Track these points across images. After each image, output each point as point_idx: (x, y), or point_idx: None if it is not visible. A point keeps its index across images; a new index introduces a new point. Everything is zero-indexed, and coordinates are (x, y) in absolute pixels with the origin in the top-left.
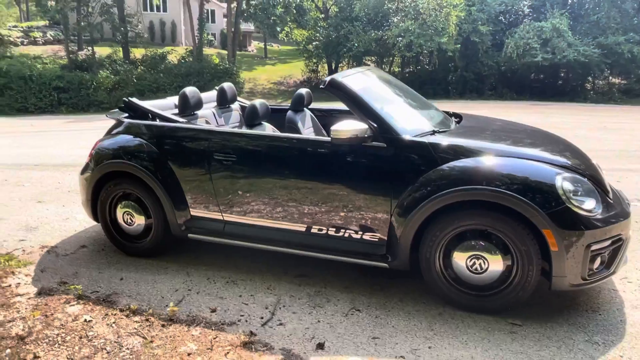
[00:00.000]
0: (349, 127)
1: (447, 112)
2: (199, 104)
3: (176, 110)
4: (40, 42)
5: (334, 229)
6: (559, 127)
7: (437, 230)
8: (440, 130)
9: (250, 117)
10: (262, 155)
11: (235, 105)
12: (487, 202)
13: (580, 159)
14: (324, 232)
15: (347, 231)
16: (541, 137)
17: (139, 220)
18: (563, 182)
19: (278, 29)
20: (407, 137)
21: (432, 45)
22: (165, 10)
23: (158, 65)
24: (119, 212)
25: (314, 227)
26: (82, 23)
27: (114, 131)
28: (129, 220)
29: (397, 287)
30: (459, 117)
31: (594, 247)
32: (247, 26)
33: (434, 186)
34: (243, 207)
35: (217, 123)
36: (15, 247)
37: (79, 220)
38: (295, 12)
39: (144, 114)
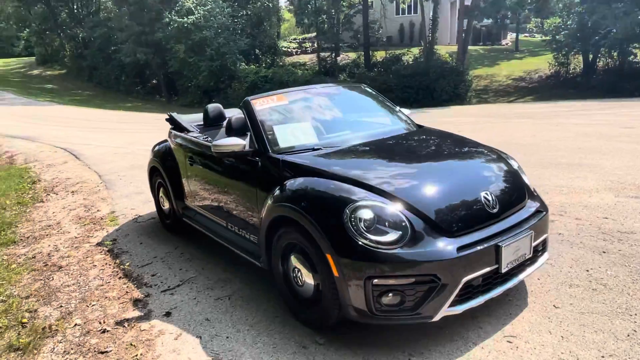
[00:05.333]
0: (227, 143)
1: (419, 125)
2: (219, 117)
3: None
4: (309, 51)
5: (237, 227)
6: None
7: (277, 238)
8: (324, 147)
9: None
10: (201, 158)
11: None
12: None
13: (457, 191)
14: (233, 229)
15: (243, 230)
16: (447, 161)
17: (166, 204)
18: (359, 209)
19: (507, 21)
20: (271, 154)
21: None
22: (415, 12)
23: (390, 67)
24: (160, 196)
25: (229, 224)
26: (327, 34)
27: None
28: (164, 203)
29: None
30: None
31: (377, 282)
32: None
33: (272, 199)
34: (198, 200)
35: None
36: (123, 213)
37: None
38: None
39: (178, 126)
